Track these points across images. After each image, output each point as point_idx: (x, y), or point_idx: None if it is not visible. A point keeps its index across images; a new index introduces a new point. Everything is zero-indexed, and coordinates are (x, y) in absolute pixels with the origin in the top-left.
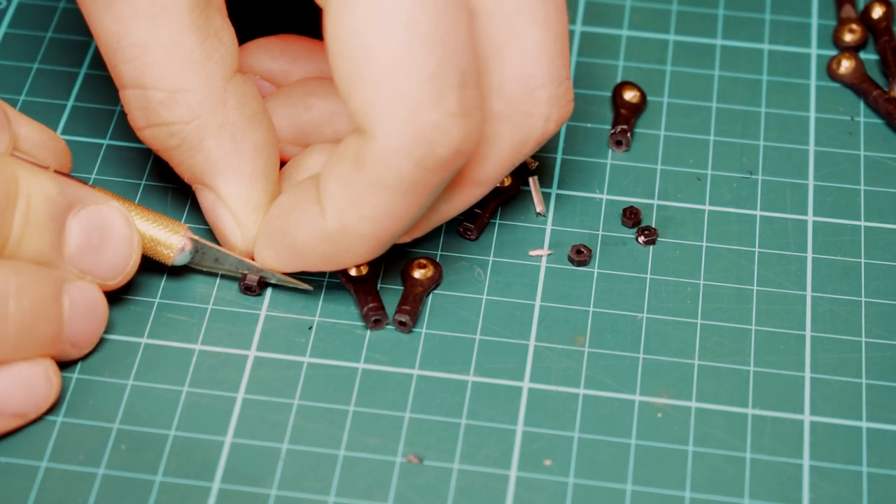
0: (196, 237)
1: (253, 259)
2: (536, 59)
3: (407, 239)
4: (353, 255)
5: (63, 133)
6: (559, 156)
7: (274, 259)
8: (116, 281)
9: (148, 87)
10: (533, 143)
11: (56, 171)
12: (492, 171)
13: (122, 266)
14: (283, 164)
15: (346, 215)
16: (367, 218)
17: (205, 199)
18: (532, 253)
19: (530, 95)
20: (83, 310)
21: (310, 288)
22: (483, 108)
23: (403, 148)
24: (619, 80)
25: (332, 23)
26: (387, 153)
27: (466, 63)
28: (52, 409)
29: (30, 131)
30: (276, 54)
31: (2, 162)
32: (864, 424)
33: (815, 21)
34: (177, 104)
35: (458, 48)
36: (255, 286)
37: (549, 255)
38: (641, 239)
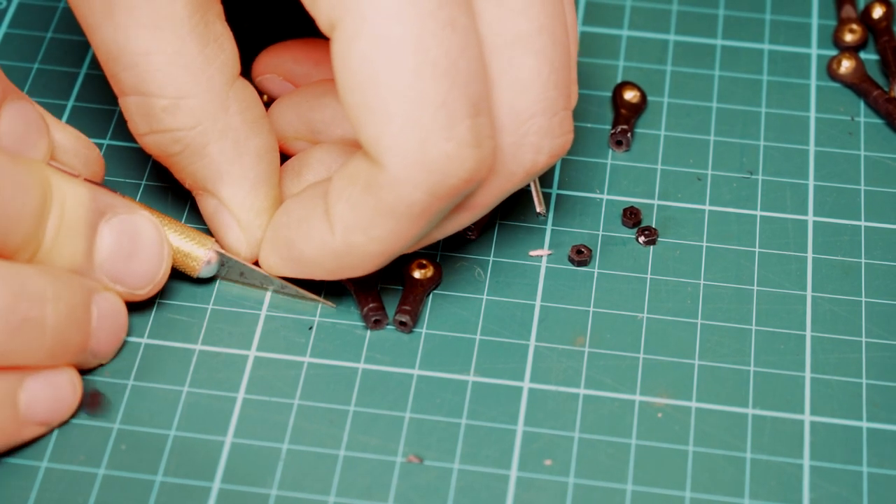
0: (223, 250)
1: (257, 263)
2: (528, 89)
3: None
4: (357, 269)
5: None
6: None
7: (279, 266)
8: (146, 290)
9: (150, 95)
10: (522, 174)
11: (86, 180)
12: (484, 197)
13: (153, 275)
14: (288, 157)
15: (355, 235)
16: (376, 239)
17: (206, 205)
18: (532, 253)
19: (520, 126)
20: (108, 320)
21: (333, 306)
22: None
23: (415, 179)
24: (619, 80)
25: (340, 52)
26: (398, 183)
27: (478, 90)
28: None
29: (64, 138)
30: (299, 57)
31: (37, 168)
32: (865, 424)
33: (815, 21)
34: (179, 111)
35: (470, 75)
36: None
37: (550, 255)
38: (642, 239)
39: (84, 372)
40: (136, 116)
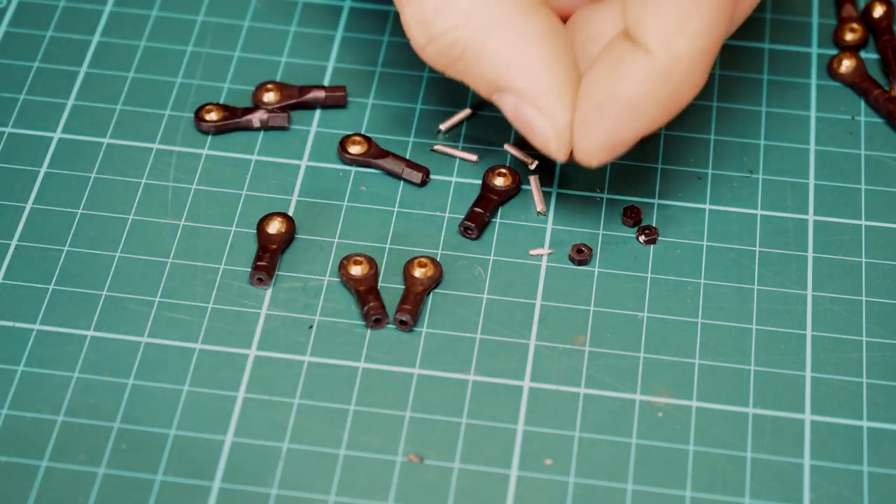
0: None
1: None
2: None
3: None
4: (691, 84)
5: (63, 133)
6: None
7: (601, 140)
8: None
9: (419, 1)
10: None
11: None
12: None
13: None
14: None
15: (676, 41)
16: (697, 33)
17: (506, 105)
18: (533, 252)
19: None
20: None
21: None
22: None
23: None
24: None
25: None
26: None
27: None
28: (58, 409)
29: None
30: None
31: None
32: (865, 424)
33: (815, 20)
34: (450, 9)
35: None
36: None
37: (550, 254)
38: (642, 238)
39: (83, 370)
40: (414, 28)
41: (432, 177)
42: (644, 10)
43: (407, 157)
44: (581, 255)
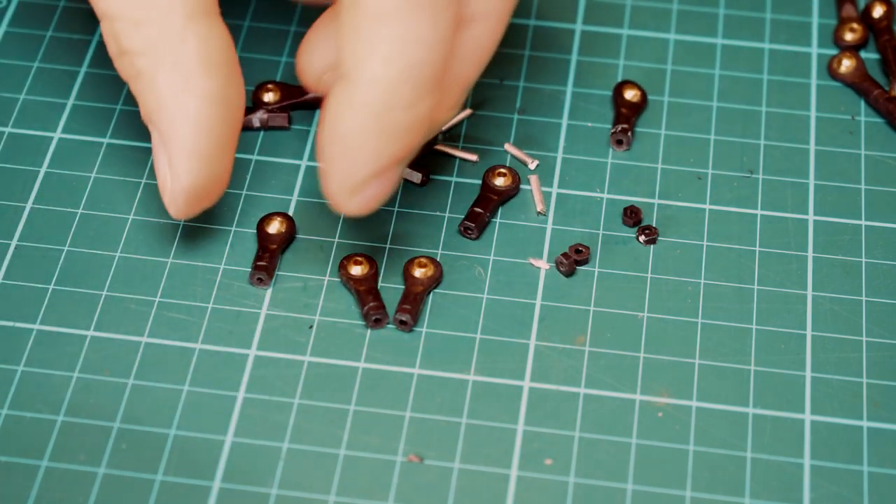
0: None
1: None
2: None
3: (442, 116)
4: (402, 107)
5: (63, 132)
6: (560, 155)
7: (338, 184)
8: None
9: (113, 17)
10: None
11: None
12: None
13: None
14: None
15: (368, 65)
16: (387, 57)
17: (153, 137)
18: (532, 262)
19: None
20: None
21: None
22: None
23: None
24: (619, 80)
25: None
26: None
27: None
28: (58, 409)
29: None
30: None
31: None
32: (865, 424)
33: (815, 20)
34: (136, 34)
35: None
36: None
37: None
38: (642, 238)
39: (83, 370)
40: (108, 37)
41: (432, 177)
42: (342, 38)
43: None
44: (580, 255)
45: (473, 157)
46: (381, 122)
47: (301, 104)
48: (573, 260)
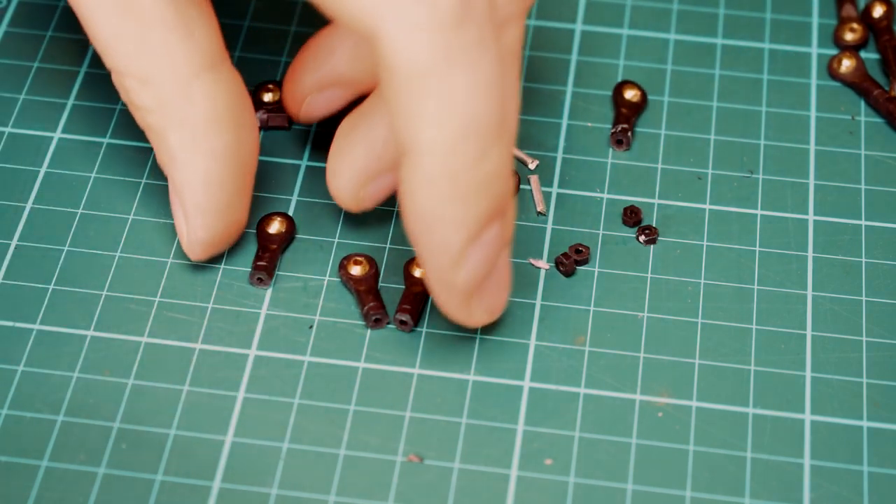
0: None
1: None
2: None
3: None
4: (483, 166)
5: (63, 133)
6: (560, 155)
7: (438, 262)
8: None
9: (121, 73)
10: None
11: None
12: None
13: None
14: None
15: (421, 135)
16: (438, 119)
17: (169, 186)
18: (532, 262)
19: None
20: None
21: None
22: None
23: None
24: (619, 80)
25: None
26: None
27: None
28: (58, 409)
29: None
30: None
31: None
32: (865, 424)
33: (815, 20)
34: (144, 92)
35: None
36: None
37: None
38: (642, 238)
39: (83, 370)
40: (119, 88)
41: None
42: (391, 110)
43: None
44: (580, 255)
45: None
46: (456, 188)
47: None
48: (573, 260)
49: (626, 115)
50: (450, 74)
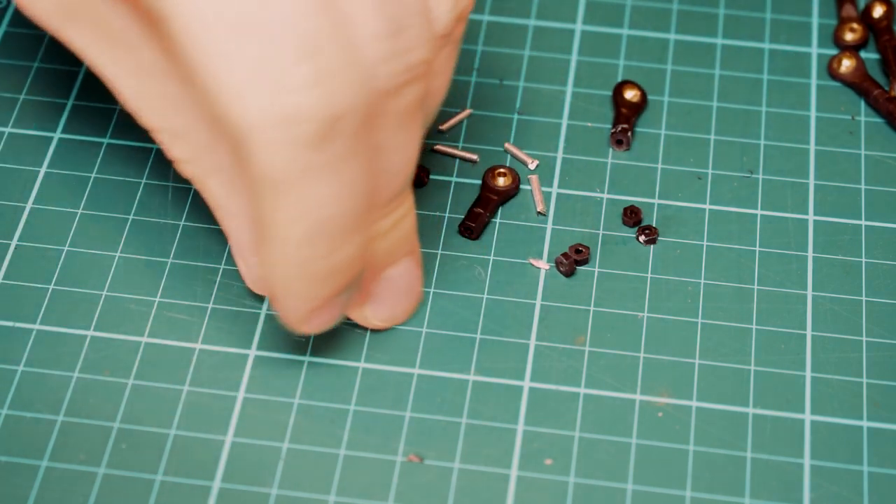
0: None
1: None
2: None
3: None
4: (331, 259)
5: (63, 133)
6: (560, 155)
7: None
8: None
9: (155, 130)
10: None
11: None
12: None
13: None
14: None
15: (275, 229)
16: (290, 220)
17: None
18: (532, 261)
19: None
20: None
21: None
22: (356, 60)
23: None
24: (619, 80)
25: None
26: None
27: (310, 26)
28: (58, 409)
29: None
30: None
31: None
32: (865, 424)
33: (815, 20)
34: (175, 145)
35: (297, 13)
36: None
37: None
38: (642, 238)
39: (83, 370)
40: (157, 142)
41: (432, 177)
42: (251, 194)
43: None
44: (580, 255)
45: (473, 157)
46: (304, 272)
47: None
48: (573, 260)
49: (626, 115)
50: (306, 187)
